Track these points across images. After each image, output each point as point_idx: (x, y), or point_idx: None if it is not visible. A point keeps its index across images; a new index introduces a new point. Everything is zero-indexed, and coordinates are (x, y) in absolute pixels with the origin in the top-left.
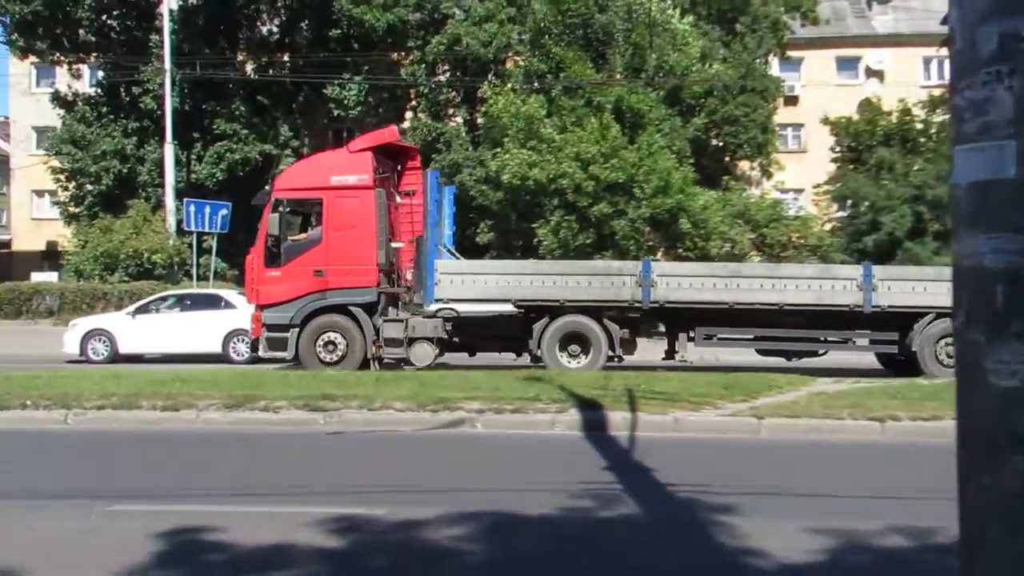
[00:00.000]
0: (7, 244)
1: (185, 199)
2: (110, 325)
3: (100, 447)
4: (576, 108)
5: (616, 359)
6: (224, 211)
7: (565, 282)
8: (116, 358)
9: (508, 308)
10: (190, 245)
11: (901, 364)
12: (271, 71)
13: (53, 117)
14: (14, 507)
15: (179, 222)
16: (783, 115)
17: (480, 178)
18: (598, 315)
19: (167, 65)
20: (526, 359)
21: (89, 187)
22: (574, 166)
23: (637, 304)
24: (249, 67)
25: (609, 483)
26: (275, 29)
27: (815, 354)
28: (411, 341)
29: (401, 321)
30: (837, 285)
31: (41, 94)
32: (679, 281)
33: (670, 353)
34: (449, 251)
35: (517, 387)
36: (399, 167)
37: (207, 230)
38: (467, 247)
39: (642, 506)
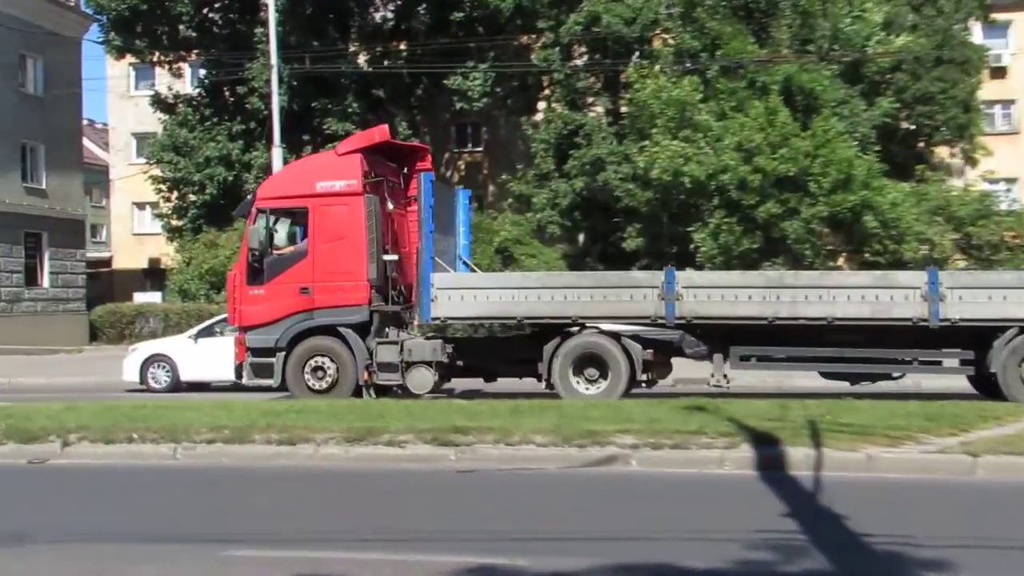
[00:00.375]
0: (108, 262)
1: None
2: (171, 350)
3: (211, 485)
4: (737, 91)
5: (644, 383)
6: None
7: (577, 296)
8: (178, 386)
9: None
10: None
11: (995, 387)
12: (386, 62)
13: (153, 122)
14: (118, 551)
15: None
16: (989, 90)
17: (626, 175)
18: (617, 334)
19: (273, 60)
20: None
21: (192, 197)
22: (736, 158)
23: (660, 321)
24: (362, 59)
25: (791, 532)
26: (390, 15)
27: (887, 377)
28: (408, 365)
29: (396, 343)
30: (897, 295)
31: (140, 97)
32: (708, 293)
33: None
34: (465, 263)
35: (677, 418)
36: (405, 170)
37: None
38: (611, 255)
39: (832, 560)
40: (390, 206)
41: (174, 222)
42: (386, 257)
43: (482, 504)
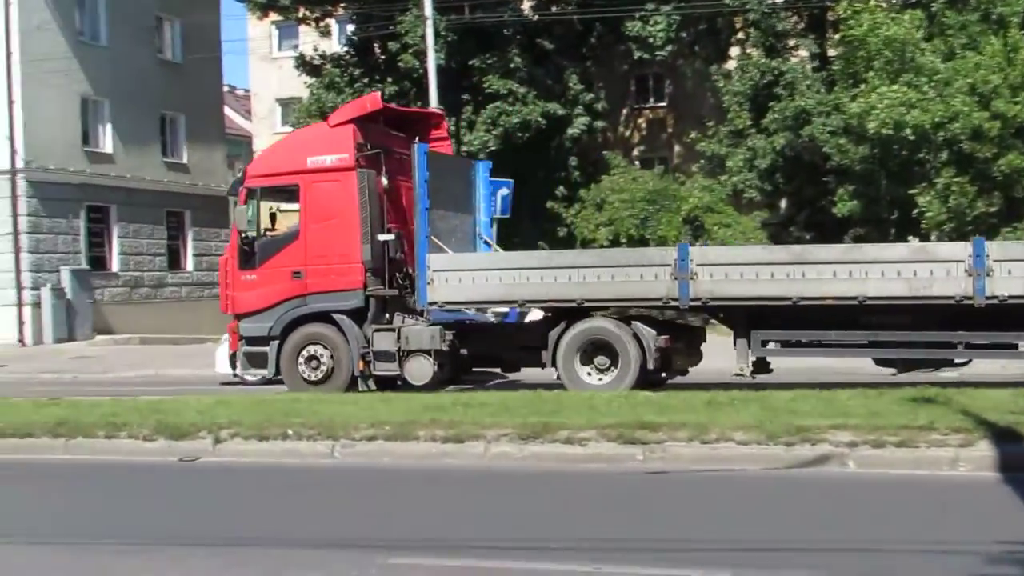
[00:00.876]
0: None
1: None
2: None
3: (371, 486)
4: (967, 25)
5: (663, 374)
6: (504, 190)
7: (583, 276)
8: (274, 378)
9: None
10: None
11: None
12: (554, 8)
13: (298, 86)
14: (277, 557)
15: None
16: None
17: (836, 129)
18: (626, 318)
19: (428, 12)
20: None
21: None
22: (969, 104)
23: (673, 303)
24: (526, 5)
25: None
26: None
27: (947, 363)
28: (406, 354)
29: (393, 330)
30: (937, 270)
31: (284, 59)
32: (726, 271)
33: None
34: (486, 241)
35: (901, 411)
36: (417, 138)
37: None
38: (819, 222)
39: None
40: (384, 181)
41: None
42: (382, 237)
43: (675, 509)
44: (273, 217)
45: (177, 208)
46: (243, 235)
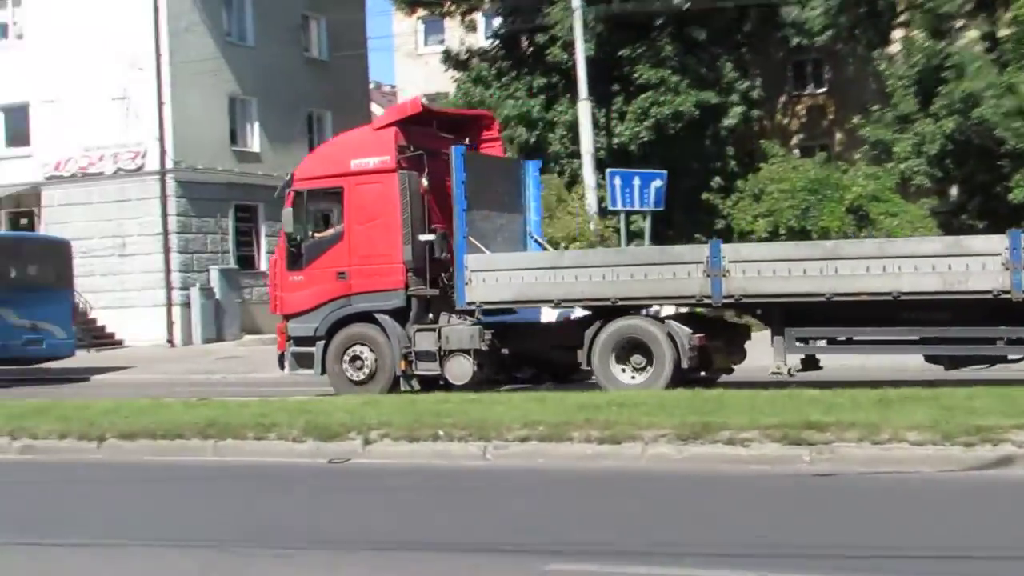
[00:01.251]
0: None
1: (608, 170)
2: None
3: (526, 488)
4: None
5: (703, 373)
6: (658, 182)
7: (616, 275)
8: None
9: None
10: (616, 230)
11: None
12: None
13: (445, 81)
14: (428, 563)
15: (600, 200)
16: None
17: (1010, 111)
18: (661, 316)
19: (576, 3)
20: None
21: None
22: None
23: (707, 300)
24: None
25: None
26: None
27: (1000, 359)
28: (446, 354)
29: (434, 330)
30: (973, 264)
31: (430, 55)
32: (758, 268)
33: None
34: (537, 241)
35: None
36: (467, 140)
37: (637, 208)
38: (993, 210)
39: None
40: (425, 182)
41: None
42: (423, 237)
43: (848, 514)
44: (326, 219)
45: None
46: (290, 236)
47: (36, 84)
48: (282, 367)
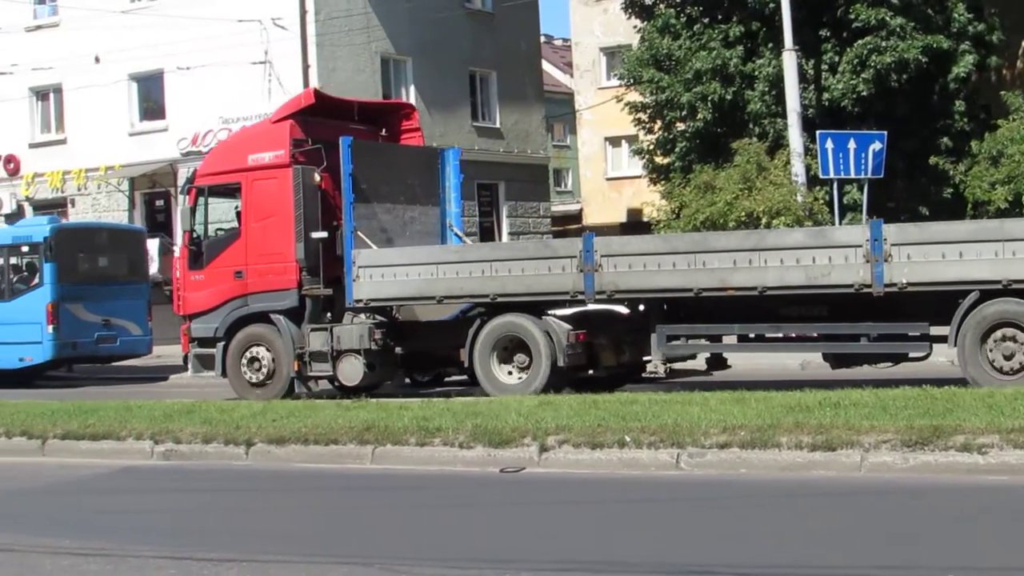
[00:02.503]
0: (577, 216)
1: (818, 132)
2: None
3: (726, 501)
4: None
5: (591, 371)
6: (876, 145)
7: (495, 271)
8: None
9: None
10: (828, 202)
11: None
12: None
13: (627, 32)
14: None
15: (808, 167)
16: None
17: None
18: (539, 313)
19: None
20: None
21: (681, 125)
22: None
23: (580, 296)
24: None
25: None
26: None
27: (901, 358)
28: (338, 354)
29: (327, 329)
30: (836, 256)
31: (609, 2)
32: (629, 262)
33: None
34: (456, 234)
35: None
36: (385, 131)
37: (852, 175)
38: None
39: None
40: (317, 177)
41: (658, 159)
42: (315, 234)
43: None
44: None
45: (490, 179)
46: (191, 235)
47: (170, 50)
48: (186, 368)
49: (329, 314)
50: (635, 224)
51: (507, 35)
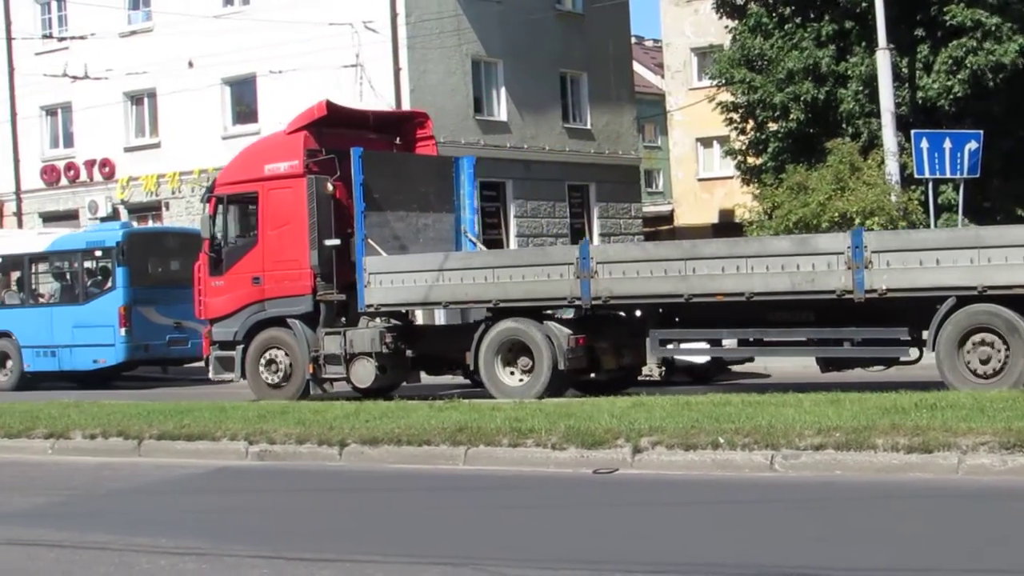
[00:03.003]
0: (668, 217)
1: (912, 131)
2: None
3: (821, 504)
4: None
5: (593, 375)
6: (972, 144)
7: (496, 277)
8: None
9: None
10: (922, 201)
11: None
12: None
13: (718, 32)
14: None
15: (904, 167)
16: None
17: None
18: (539, 317)
19: None
20: None
21: (772, 126)
22: None
23: (577, 301)
24: None
25: None
26: None
27: (892, 361)
28: (351, 357)
29: (341, 333)
30: (819, 263)
31: (700, 2)
32: (624, 269)
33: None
34: (471, 240)
35: None
36: (399, 140)
37: (948, 175)
38: None
39: None
40: (330, 187)
41: (750, 160)
42: (328, 242)
43: None
44: (247, 224)
45: (580, 181)
46: (211, 242)
47: (262, 54)
48: (207, 370)
49: (344, 318)
50: (727, 225)
51: (598, 36)
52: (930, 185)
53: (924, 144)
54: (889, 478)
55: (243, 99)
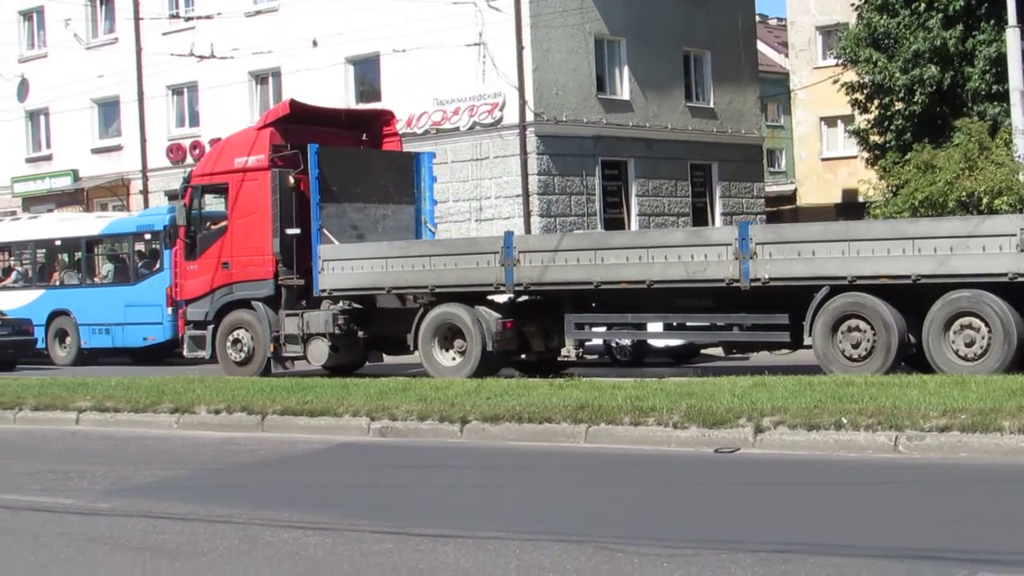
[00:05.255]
0: (791, 196)
1: None
2: None
3: (948, 486)
4: None
5: (522, 356)
6: None
7: (432, 264)
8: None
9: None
10: None
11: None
12: None
13: (844, 10)
14: (832, 567)
15: None
16: None
17: None
18: (472, 303)
19: None
20: None
21: (898, 105)
22: None
23: (502, 288)
24: None
25: None
26: None
27: (798, 345)
28: (308, 337)
29: (299, 315)
30: (710, 253)
31: None
32: (542, 258)
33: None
34: (430, 229)
35: None
36: (367, 136)
37: None
38: None
39: None
40: (291, 180)
41: (874, 139)
42: (289, 231)
43: None
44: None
45: (703, 160)
46: (187, 228)
47: (385, 33)
48: (182, 348)
49: (305, 301)
50: (849, 205)
51: (722, 15)
52: None
53: None
54: (1016, 460)
55: (366, 78)
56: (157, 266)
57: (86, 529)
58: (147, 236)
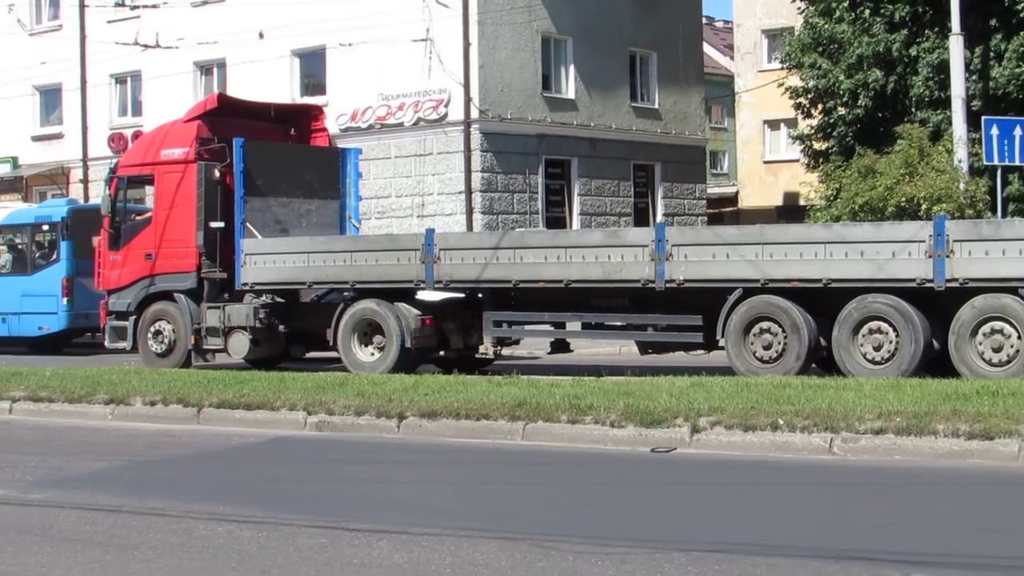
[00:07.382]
0: (733, 199)
1: (983, 117)
2: None
3: (881, 488)
4: None
5: (442, 352)
6: None
7: (353, 260)
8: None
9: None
10: (990, 189)
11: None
12: None
13: (789, 14)
14: (765, 567)
15: (972, 155)
16: None
17: None
18: (392, 299)
19: None
20: None
21: (841, 111)
22: None
23: (422, 285)
24: None
25: None
26: None
27: (711, 346)
28: (229, 330)
29: (220, 308)
30: (627, 254)
31: None
32: (462, 255)
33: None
34: (355, 225)
35: None
36: (294, 131)
37: (1017, 162)
38: None
39: None
40: (216, 173)
41: (816, 144)
42: (213, 224)
43: None
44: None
45: (646, 160)
46: (111, 219)
47: (332, 26)
48: (104, 339)
49: (227, 295)
50: (791, 208)
51: (668, 16)
52: (999, 173)
53: (994, 131)
54: (949, 464)
55: (312, 71)
56: (54, 257)
57: (17, 520)
58: (45, 227)
